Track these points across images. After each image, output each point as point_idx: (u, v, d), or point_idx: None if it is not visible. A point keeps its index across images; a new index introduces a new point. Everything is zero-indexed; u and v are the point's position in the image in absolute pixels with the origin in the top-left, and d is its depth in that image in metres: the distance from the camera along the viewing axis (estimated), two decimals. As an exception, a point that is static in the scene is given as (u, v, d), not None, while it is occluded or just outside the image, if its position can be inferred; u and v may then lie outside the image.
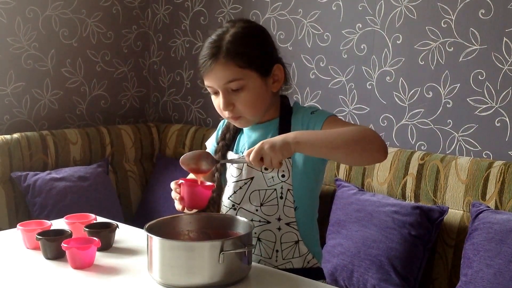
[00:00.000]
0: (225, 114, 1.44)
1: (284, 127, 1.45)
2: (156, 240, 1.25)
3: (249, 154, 1.27)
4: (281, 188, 1.43)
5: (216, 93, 1.43)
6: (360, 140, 1.28)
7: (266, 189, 1.44)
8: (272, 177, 1.43)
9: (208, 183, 1.41)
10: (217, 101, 1.44)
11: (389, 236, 2.05)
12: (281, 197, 1.43)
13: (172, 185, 1.44)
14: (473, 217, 1.97)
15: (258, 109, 1.44)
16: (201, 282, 1.23)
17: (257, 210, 1.45)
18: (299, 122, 1.44)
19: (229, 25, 1.43)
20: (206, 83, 1.43)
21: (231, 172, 1.51)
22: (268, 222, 1.45)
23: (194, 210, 1.40)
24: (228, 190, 1.51)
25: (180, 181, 1.40)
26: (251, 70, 1.39)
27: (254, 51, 1.40)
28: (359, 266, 2.06)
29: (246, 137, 1.52)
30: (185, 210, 1.40)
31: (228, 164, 1.53)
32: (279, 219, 1.44)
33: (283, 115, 1.48)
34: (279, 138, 1.26)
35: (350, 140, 1.27)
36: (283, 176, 1.43)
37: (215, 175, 1.56)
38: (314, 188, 1.49)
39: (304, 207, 1.46)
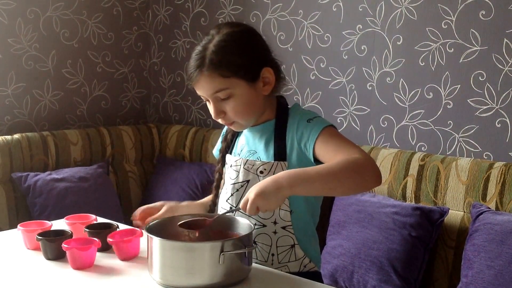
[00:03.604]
0: (219, 120, 1.45)
1: (280, 130, 1.45)
2: (156, 240, 1.25)
3: (244, 206, 1.27)
4: None
5: (208, 100, 1.44)
6: (355, 174, 1.28)
7: None
8: None
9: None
10: (211, 108, 1.45)
11: (390, 237, 2.05)
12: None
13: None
14: (473, 218, 1.97)
15: (249, 114, 1.44)
16: (201, 283, 1.23)
17: (255, 214, 1.45)
18: (294, 127, 1.43)
19: (215, 32, 1.42)
20: (197, 92, 1.45)
21: (229, 175, 1.51)
22: (264, 226, 1.44)
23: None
24: (226, 193, 1.51)
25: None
26: (237, 78, 1.38)
27: (238, 59, 1.38)
28: (360, 267, 2.05)
29: (245, 138, 1.53)
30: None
31: (226, 166, 1.54)
32: (275, 223, 1.44)
33: (279, 116, 1.48)
34: (272, 186, 1.25)
35: (345, 176, 1.27)
36: None
37: (216, 175, 1.57)
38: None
39: (300, 211, 1.45)
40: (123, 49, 3.23)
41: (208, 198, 1.65)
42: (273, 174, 1.40)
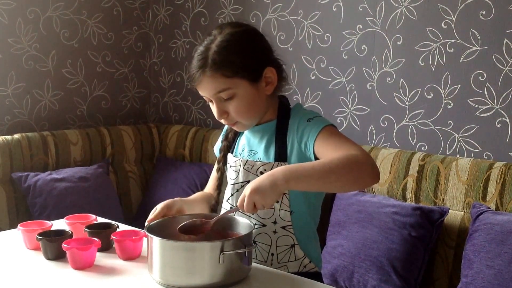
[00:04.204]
0: (222, 121, 1.45)
1: (281, 130, 1.45)
2: (156, 240, 1.25)
3: (241, 205, 1.27)
4: None
5: (211, 101, 1.44)
6: (352, 170, 1.27)
7: None
8: None
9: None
10: (213, 108, 1.45)
11: (390, 237, 2.05)
12: (277, 201, 1.43)
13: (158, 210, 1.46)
14: (473, 218, 1.97)
15: (252, 114, 1.44)
16: (202, 283, 1.23)
17: (253, 213, 1.45)
18: (295, 127, 1.43)
19: (217, 32, 1.42)
20: (200, 92, 1.44)
21: (230, 175, 1.51)
22: (264, 225, 1.45)
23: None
24: (227, 193, 1.52)
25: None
26: (240, 78, 1.38)
27: (240, 59, 1.39)
28: (360, 267, 2.06)
29: (245, 139, 1.53)
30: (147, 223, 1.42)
31: (227, 166, 1.54)
32: (274, 223, 1.44)
33: (281, 117, 1.48)
34: (267, 181, 1.24)
35: (342, 172, 1.26)
36: None
37: (218, 174, 1.57)
38: (312, 194, 1.47)
39: (300, 211, 1.45)
40: (123, 49, 3.23)
41: (201, 193, 1.64)
42: None
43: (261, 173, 1.42)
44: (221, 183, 1.56)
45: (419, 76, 2.33)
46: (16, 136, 2.64)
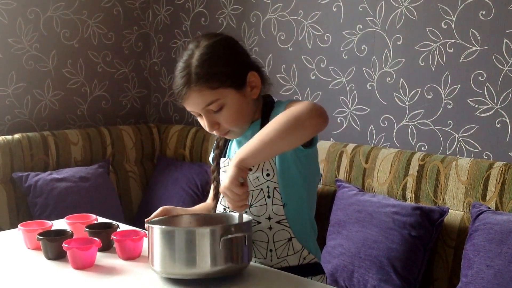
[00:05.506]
0: (213, 132, 1.46)
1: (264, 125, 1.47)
2: (156, 229, 1.26)
3: (234, 208, 1.29)
4: (267, 187, 1.44)
5: (200, 115, 1.45)
6: (291, 118, 1.27)
7: (252, 190, 1.44)
8: (257, 177, 1.44)
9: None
10: (203, 122, 1.47)
11: (390, 236, 2.05)
12: (269, 196, 1.44)
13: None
14: (473, 218, 1.98)
15: (242, 120, 1.46)
16: (203, 271, 1.23)
17: (246, 212, 1.46)
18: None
19: (194, 46, 1.43)
20: (187, 109, 1.45)
21: (222, 177, 1.53)
22: (259, 223, 1.45)
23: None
24: (220, 195, 1.53)
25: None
26: (226, 88, 1.40)
27: (223, 69, 1.40)
28: (360, 266, 2.06)
29: (236, 142, 1.55)
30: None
31: (220, 170, 1.55)
32: (269, 218, 1.45)
33: (264, 115, 1.49)
34: (227, 177, 1.26)
35: (281, 124, 1.26)
36: (268, 175, 1.44)
37: (214, 183, 1.59)
38: (303, 183, 1.47)
39: (293, 203, 1.46)
40: (124, 49, 3.23)
41: (201, 204, 1.66)
42: (262, 170, 1.42)
43: (250, 169, 1.43)
44: (218, 192, 1.57)
45: (419, 76, 2.33)
46: (17, 136, 2.64)
